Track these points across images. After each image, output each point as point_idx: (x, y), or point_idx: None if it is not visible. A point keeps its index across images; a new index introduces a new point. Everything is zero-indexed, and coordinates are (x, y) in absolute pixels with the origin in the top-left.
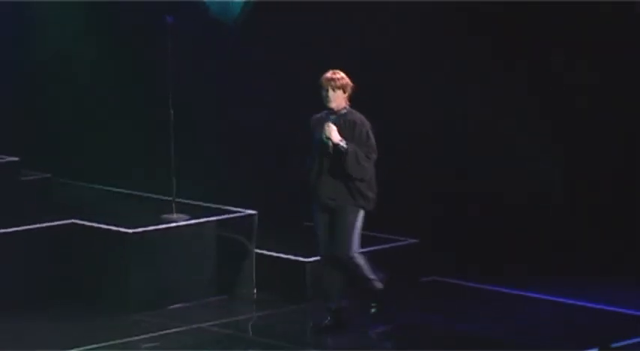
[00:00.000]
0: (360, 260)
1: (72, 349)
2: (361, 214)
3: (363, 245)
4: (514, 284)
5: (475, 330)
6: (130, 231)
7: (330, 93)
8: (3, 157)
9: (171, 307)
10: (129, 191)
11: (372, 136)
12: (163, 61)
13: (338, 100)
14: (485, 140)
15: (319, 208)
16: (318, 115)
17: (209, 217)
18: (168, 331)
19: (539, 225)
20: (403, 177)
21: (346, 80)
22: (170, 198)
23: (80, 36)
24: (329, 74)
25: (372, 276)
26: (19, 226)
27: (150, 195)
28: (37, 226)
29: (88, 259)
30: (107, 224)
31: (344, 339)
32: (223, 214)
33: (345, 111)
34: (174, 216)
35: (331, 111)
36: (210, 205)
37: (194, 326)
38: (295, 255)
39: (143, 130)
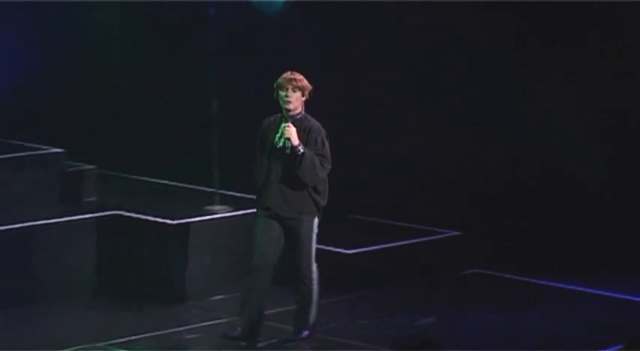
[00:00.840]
0: (316, 285)
1: (114, 340)
2: (316, 222)
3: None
4: (558, 278)
5: (515, 322)
6: (174, 222)
7: (290, 93)
8: (49, 148)
9: (214, 298)
10: (172, 183)
11: (327, 144)
12: (207, 53)
13: (296, 102)
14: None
15: (266, 214)
16: (272, 118)
17: (252, 208)
18: (210, 323)
19: (581, 219)
20: (443, 170)
21: (306, 82)
22: (213, 190)
23: (127, 31)
24: (288, 74)
25: (315, 306)
26: (64, 217)
27: (193, 187)
28: (82, 217)
29: (132, 251)
30: (151, 216)
31: (390, 331)
32: None
33: (300, 116)
34: (217, 207)
35: (287, 113)
36: (252, 196)
37: (236, 318)
38: (337, 247)
39: (188, 122)
